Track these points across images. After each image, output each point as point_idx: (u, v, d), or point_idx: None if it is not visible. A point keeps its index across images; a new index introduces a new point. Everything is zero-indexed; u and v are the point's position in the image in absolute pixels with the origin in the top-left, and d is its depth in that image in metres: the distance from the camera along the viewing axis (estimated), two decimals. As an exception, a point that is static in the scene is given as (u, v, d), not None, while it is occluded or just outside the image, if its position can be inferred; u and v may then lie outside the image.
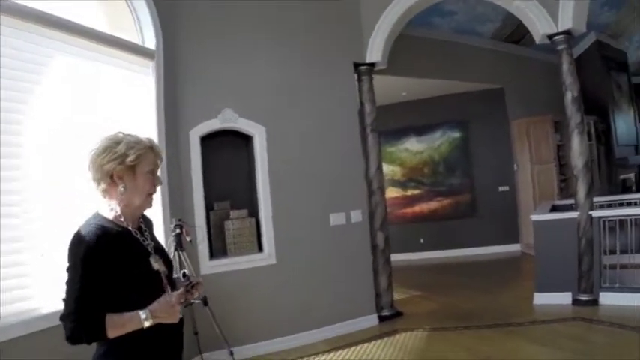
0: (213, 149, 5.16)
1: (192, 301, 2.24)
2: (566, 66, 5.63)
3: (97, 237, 1.69)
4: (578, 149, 5.55)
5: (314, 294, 5.34)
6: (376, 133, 6.10)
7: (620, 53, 11.39)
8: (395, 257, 6.14)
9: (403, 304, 6.28)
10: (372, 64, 6.08)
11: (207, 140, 5.08)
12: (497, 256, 9.17)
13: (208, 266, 4.85)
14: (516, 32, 8.89)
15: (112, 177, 1.79)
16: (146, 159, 1.84)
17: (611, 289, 5.35)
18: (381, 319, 5.77)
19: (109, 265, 1.68)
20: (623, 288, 5.29)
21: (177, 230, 4.04)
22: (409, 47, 7.26)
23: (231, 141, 5.38)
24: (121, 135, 1.84)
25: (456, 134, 9.99)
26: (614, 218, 5.45)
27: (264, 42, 5.38)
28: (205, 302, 4.00)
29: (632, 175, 11.03)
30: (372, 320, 5.71)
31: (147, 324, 1.69)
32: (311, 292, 5.34)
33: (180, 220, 4.12)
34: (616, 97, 10.88)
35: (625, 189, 10.31)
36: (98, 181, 1.81)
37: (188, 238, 4.07)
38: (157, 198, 4.35)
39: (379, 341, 5.10)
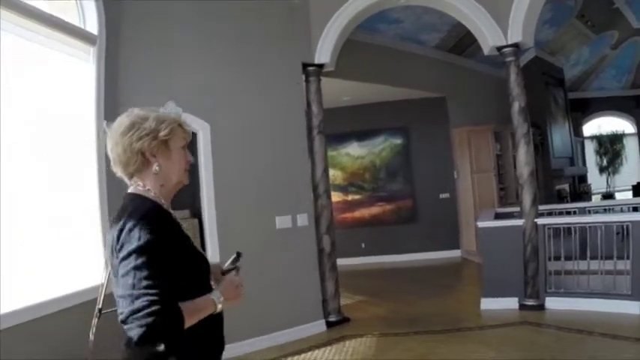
0: (153, 144, 4.82)
1: None
2: (513, 77, 5.73)
3: (157, 217, 1.51)
4: (524, 159, 5.65)
5: (260, 300, 5.09)
6: (323, 135, 5.96)
7: (558, 69, 11.95)
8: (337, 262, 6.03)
9: (349, 309, 6.15)
10: (321, 66, 5.94)
11: (148, 135, 4.74)
12: (439, 262, 9.25)
13: (149, 270, 4.51)
14: (460, 43, 9.06)
15: (144, 155, 1.59)
16: (177, 133, 1.65)
17: (557, 294, 5.47)
18: (329, 325, 5.62)
19: (170, 249, 1.47)
20: (568, 293, 5.42)
21: (118, 231, 3.71)
22: (353, 52, 7.15)
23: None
24: (143, 111, 1.65)
25: (398, 140, 10.03)
26: (560, 226, 5.58)
27: (211, 36, 5.13)
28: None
29: (566, 186, 11.54)
30: (319, 326, 5.54)
31: (219, 308, 1.55)
32: (257, 297, 5.07)
33: (120, 219, 3.79)
34: (553, 111, 11.38)
35: (560, 199, 10.76)
36: (125, 163, 1.59)
37: (129, 239, 3.76)
38: (95, 195, 4.02)
39: (328, 348, 4.95)
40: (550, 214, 6.72)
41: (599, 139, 13.88)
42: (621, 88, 14.04)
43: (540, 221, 5.57)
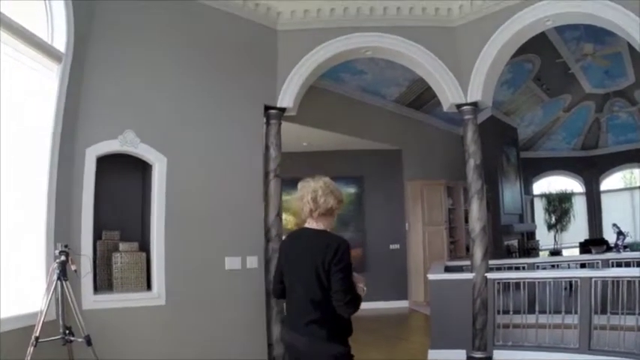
0: (106, 171, 4.66)
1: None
2: (470, 135, 5.89)
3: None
4: (476, 214, 5.75)
5: (204, 340, 4.92)
6: (279, 179, 5.89)
7: (511, 129, 12.45)
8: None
9: (295, 356, 5.94)
10: (283, 109, 5.97)
11: (101, 161, 4.58)
12: (386, 312, 9.14)
13: (91, 301, 4.27)
14: (419, 99, 9.37)
15: (332, 209, 2.67)
16: None
17: (505, 346, 5.53)
18: (274, 371, 5.42)
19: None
20: (516, 346, 5.49)
21: (63, 257, 3.53)
22: (316, 98, 7.26)
23: (126, 165, 4.93)
24: (331, 181, 2.73)
25: (352, 189, 10.07)
26: (509, 281, 5.68)
27: (177, 69, 5.09)
28: (89, 342, 3.48)
29: (515, 242, 11.83)
30: (264, 372, 5.36)
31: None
32: (201, 337, 4.91)
33: (66, 246, 3.62)
34: (505, 169, 11.80)
35: (509, 254, 11.02)
36: (324, 210, 2.66)
37: (73, 268, 3.58)
38: (41, 218, 3.84)
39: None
40: (499, 268, 6.85)
41: (549, 198, 14.32)
42: (571, 149, 14.75)
43: (490, 276, 5.66)
